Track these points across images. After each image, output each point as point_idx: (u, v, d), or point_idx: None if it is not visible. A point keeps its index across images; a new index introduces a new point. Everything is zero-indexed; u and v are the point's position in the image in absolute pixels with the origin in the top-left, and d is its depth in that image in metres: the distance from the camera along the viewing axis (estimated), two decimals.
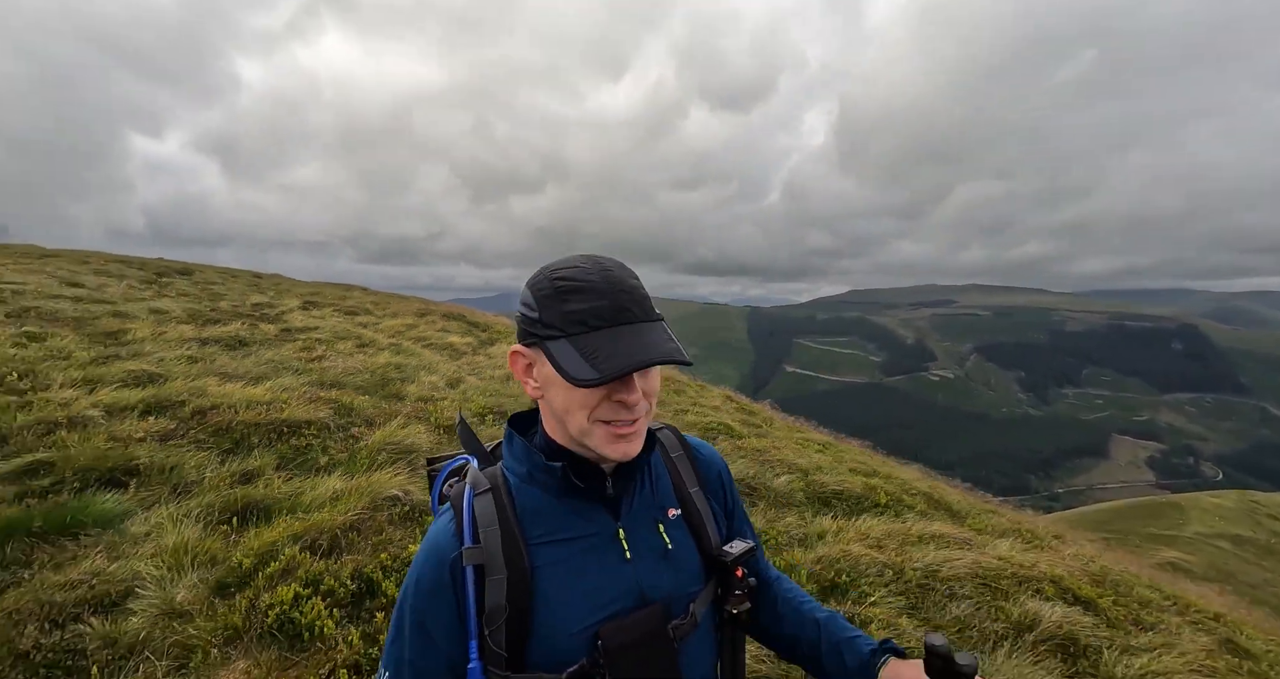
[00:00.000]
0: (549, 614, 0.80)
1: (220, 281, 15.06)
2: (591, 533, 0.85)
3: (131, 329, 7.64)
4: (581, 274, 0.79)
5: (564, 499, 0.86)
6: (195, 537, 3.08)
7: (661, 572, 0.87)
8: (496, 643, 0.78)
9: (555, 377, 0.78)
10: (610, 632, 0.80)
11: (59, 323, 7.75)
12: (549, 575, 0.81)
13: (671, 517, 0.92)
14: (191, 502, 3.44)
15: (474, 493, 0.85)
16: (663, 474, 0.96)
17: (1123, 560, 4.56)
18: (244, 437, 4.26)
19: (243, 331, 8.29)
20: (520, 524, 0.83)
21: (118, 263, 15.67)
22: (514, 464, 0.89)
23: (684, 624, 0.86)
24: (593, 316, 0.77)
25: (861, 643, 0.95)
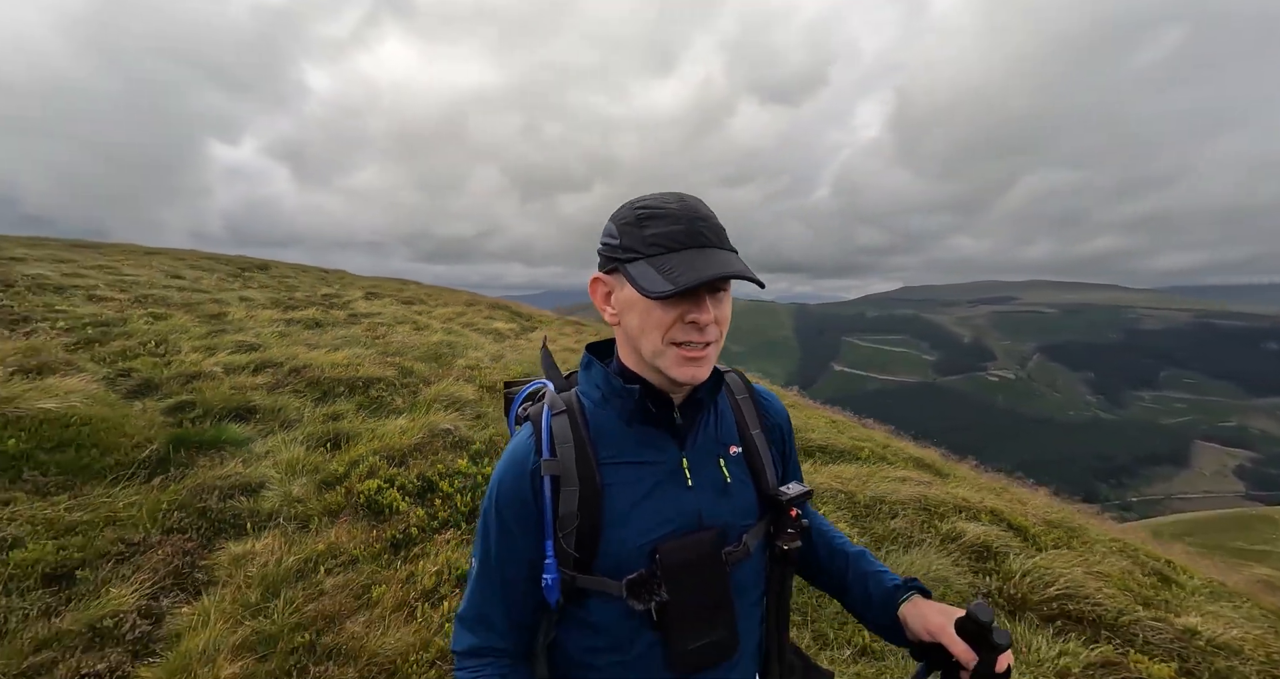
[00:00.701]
0: (614, 526, 0.86)
1: (293, 276, 16.76)
2: (658, 460, 0.90)
3: (229, 312, 9.00)
4: (661, 203, 0.84)
5: (635, 425, 0.90)
6: (302, 454, 4.08)
7: (720, 502, 0.92)
8: (568, 545, 0.85)
9: (633, 299, 0.84)
10: (668, 548, 0.85)
11: (172, 306, 9.20)
12: (616, 493, 0.87)
13: (733, 453, 0.96)
14: (296, 432, 4.47)
15: (551, 412, 0.90)
16: (727, 413, 1.00)
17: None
18: (330, 388, 5.31)
19: (317, 316, 9.56)
20: (593, 444, 0.88)
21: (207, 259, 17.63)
22: (589, 388, 0.94)
23: (736, 551, 0.91)
24: (669, 239, 0.81)
25: (886, 577, 1.01)
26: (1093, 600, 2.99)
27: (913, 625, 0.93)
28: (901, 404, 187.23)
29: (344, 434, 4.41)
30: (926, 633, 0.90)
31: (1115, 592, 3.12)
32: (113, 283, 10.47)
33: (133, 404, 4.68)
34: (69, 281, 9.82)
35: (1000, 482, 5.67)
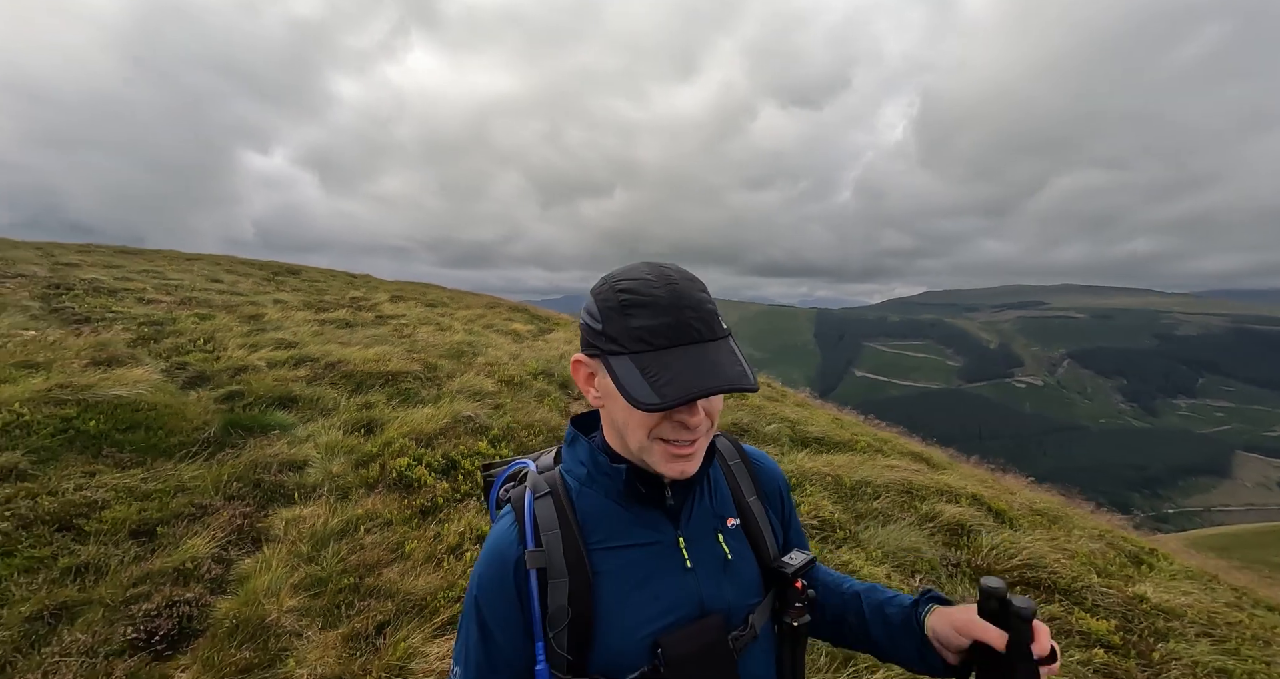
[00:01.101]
0: (610, 620, 0.80)
1: (322, 280, 17.52)
2: (652, 541, 0.84)
3: (265, 313, 9.61)
4: (646, 288, 0.77)
5: (625, 505, 0.85)
6: (339, 437, 4.55)
7: (721, 582, 0.86)
8: (560, 645, 0.78)
9: (610, 390, 0.79)
10: (671, 641, 0.79)
11: (214, 308, 9.85)
12: (610, 581, 0.81)
13: (730, 526, 0.91)
14: (333, 419, 4.95)
15: (534, 496, 0.85)
16: (721, 482, 0.94)
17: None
18: (363, 381, 5.80)
19: (347, 317, 10.15)
20: (581, 529, 0.82)
21: (242, 264, 18.52)
22: (575, 466, 0.89)
23: (743, 636, 0.85)
24: (656, 335, 0.75)
25: (902, 598, 0.93)
26: (1051, 570, 3.28)
27: (942, 633, 0.83)
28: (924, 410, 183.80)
29: (376, 421, 4.87)
30: (955, 632, 0.80)
31: (1077, 565, 3.40)
32: (159, 286, 11.22)
33: (189, 393, 5.21)
34: (120, 285, 10.58)
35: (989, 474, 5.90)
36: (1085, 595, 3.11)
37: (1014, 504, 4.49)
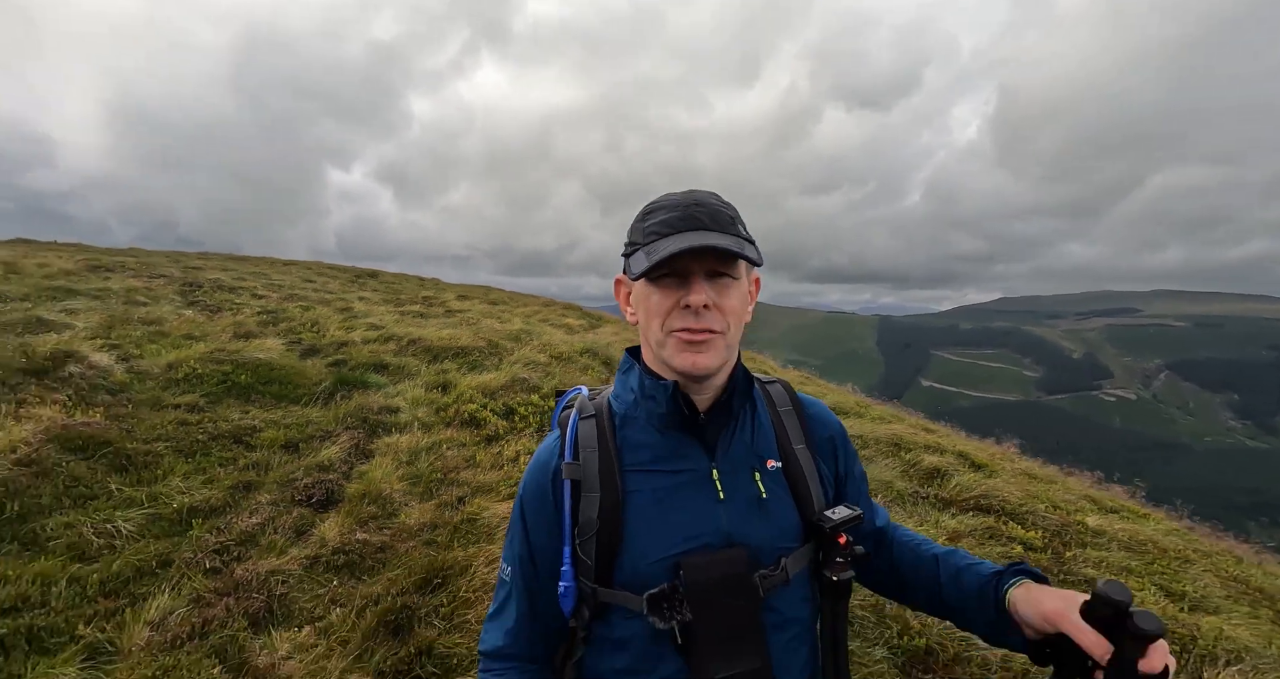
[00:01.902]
0: (636, 537, 0.82)
1: (396, 282, 19.42)
2: (687, 469, 0.86)
3: (354, 306, 11.11)
4: (667, 198, 0.84)
5: (665, 432, 0.87)
6: (421, 393, 5.64)
7: (753, 519, 0.86)
8: (586, 553, 0.83)
9: (638, 292, 0.85)
10: (692, 564, 0.80)
11: (312, 302, 11.46)
12: (639, 501, 0.83)
13: (771, 468, 0.90)
14: (416, 380, 6.07)
15: (580, 417, 0.91)
16: (767, 425, 0.94)
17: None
18: (438, 354, 6.94)
19: (420, 310, 11.54)
20: (619, 450, 0.86)
21: (329, 269, 20.73)
22: (624, 392, 0.92)
23: (773, 577, 0.84)
24: (664, 226, 0.81)
25: (984, 566, 0.90)
26: (1003, 499, 3.85)
27: (1024, 613, 0.78)
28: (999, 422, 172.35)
29: (450, 382, 5.95)
30: (1043, 619, 0.74)
31: (1029, 499, 3.95)
32: (266, 285, 13.06)
33: (306, 360, 6.50)
34: (237, 283, 12.44)
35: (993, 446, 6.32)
36: (1026, 517, 3.67)
37: (1000, 461, 5.00)
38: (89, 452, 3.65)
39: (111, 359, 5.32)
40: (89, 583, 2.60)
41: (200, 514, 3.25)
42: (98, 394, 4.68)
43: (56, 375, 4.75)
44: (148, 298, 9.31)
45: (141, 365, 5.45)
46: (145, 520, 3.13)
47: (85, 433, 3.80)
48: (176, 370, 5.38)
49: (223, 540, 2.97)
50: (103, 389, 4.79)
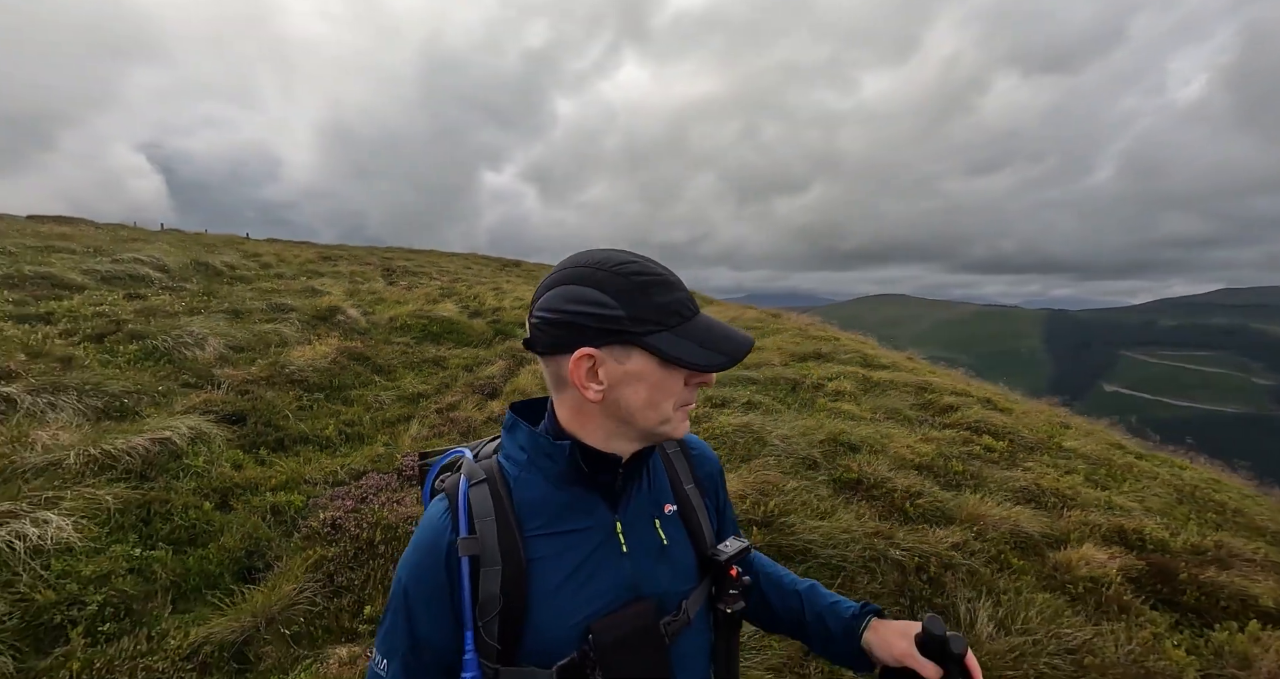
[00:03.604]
0: (543, 607, 0.78)
1: (535, 269, 22.48)
2: (589, 526, 0.83)
3: (503, 286, 13.70)
4: (648, 267, 0.78)
5: (564, 488, 0.83)
6: None
7: (657, 568, 0.86)
8: (489, 634, 0.77)
9: (640, 372, 0.77)
10: (602, 626, 0.79)
11: (471, 282, 14.28)
12: (544, 568, 0.79)
13: (668, 513, 0.90)
14: None
15: (469, 483, 0.82)
16: (660, 470, 0.94)
17: None
18: None
19: None
20: (517, 515, 0.81)
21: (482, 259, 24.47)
22: (514, 452, 0.86)
23: (676, 621, 0.85)
24: (683, 307, 0.77)
25: (842, 608, 0.97)
26: (993, 424, 4.73)
27: (879, 654, 0.89)
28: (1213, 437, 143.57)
29: None
30: (894, 659, 0.87)
31: (1017, 425, 4.77)
32: (439, 270, 16.31)
33: (472, 319, 8.83)
34: (418, 269, 15.77)
35: None
36: (1005, 435, 4.55)
37: (1020, 405, 5.69)
38: (361, 361, 6.00)
39: (358, 313, 7.97)
40: (377, 420, 4.75)
41: (423, 396, 5.38)
42: (354, 333, 7.22)
43: (332, 320, 7.39)
44: (363, 277, 12.59)
45: (374, 318, 8.04)
46: (395, 397, 5.32)
47: (357, 351, 6.19)
48: (395, 321, 7.89)
49: (439, 407, 5.03)
50: (355, 331, 7.35)
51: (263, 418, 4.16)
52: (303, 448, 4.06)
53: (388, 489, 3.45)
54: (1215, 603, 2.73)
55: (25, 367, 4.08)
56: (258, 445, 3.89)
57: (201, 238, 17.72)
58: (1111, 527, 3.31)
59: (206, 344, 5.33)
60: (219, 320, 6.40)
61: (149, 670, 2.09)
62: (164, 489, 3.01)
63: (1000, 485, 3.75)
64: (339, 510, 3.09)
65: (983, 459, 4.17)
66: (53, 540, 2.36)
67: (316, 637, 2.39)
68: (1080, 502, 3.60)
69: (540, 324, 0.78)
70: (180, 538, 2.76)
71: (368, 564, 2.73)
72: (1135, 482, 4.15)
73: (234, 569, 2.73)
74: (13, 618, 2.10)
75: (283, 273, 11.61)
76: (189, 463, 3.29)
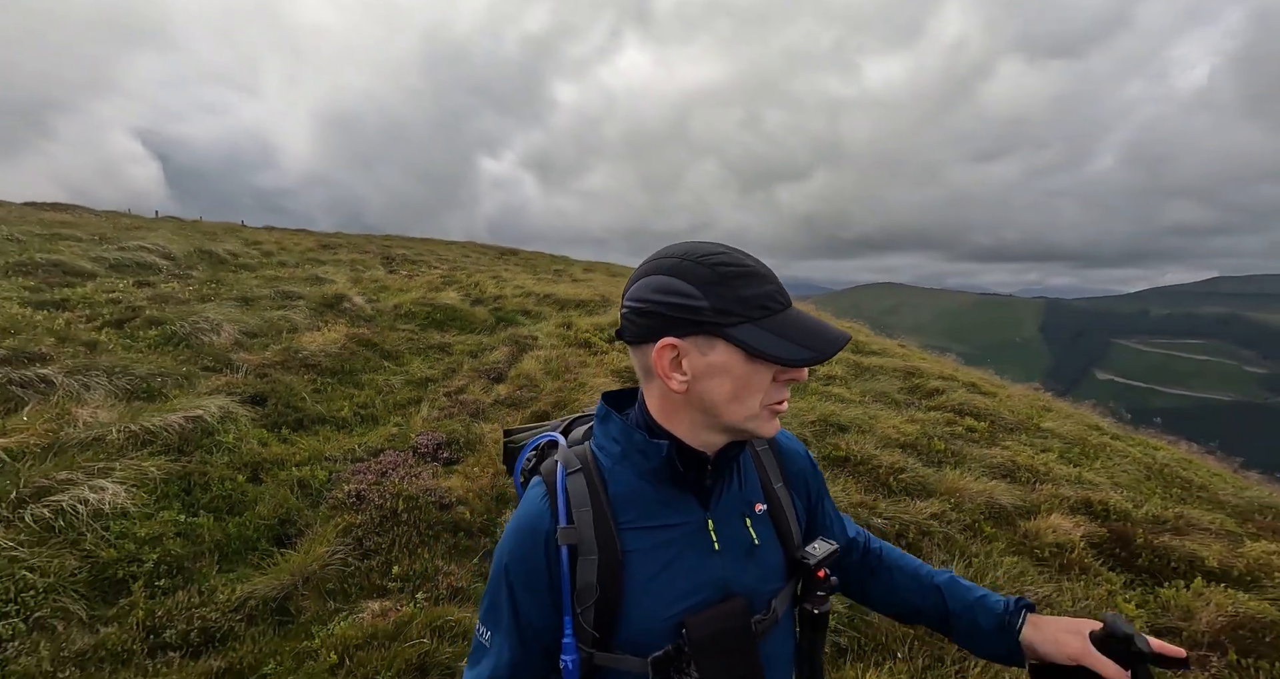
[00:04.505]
0: (637, 599, 0.80)
1: (533, 258, 22.65)
2: (681, 522, 0.84)
3: (502, 275, 13.85)
4: (736, 258, 0.78)
5: (658, 485, 0.84)
6: (553, 328, 7.81)
7: (746, 566, 0.87)
8: (586, 621, 0.80)
9: (725, 364, 0.76)
10: (696, 622, 0.80)
11: (471, 271, 14.42)
12: (638, 561, 0.81)
13: (758, 511, 0.91)
14: (549, 321, 8.28)
15: (566, 471, 0.84)
16: (750, 468, 0.94)
17: None
18: (564, 305, 9.15)
19: (552, 278, 14.04)
20: (612, 507, 0.83)
21: (480, 248, 24.53)
22: (608, 443, 0.87)
23: (765, 620, 0.86)
24: (770, 300, 0.77)
25: (992, 602, 0.94)
26: (975, 407, 4.99)
27: (1044, 651, 0.86)
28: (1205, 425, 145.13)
29: (572, 322, 8.07)
30: (1067, 659, 0.83)
31: (999, 407, 5.02)
32: (437, 259, 16.43)
33: (474, 307, 9.02)
34: (418, 257, 15.89)
35: None
36: (986, 417, 4.81)
37: (1005, 389, 5.96)
38: (370, 347, 6.21)
39: (363, 300, 8.15)
40: (388, 403, 4.97)
41: (431, 381, 5.60)
42: (360, 320, 7.41)
43: (339, 308, 7.58)
44: (364, 265, 12.74)
45: (379, 305, 8.23)
46: (404, 381, 5.54)
47: (365, 337, 6.40)
48: (400, 309, 8.07)
49: (448, 390, 5.25)
50: (362, 317, 7.54)
51: (282, 400, 4.37)
52: (320, 428, 4.28)
53: (405, 465, 3.68)
54: (1166, 564, 3.00)
55: (56, 350, 4.28)
56: (279, 425, 4.10)
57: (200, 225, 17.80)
58: (1079, 499, 3.58)
59: (222, 330, 5.53)
60: (230, 307, 6.59)
61: (204, 620, 2.33)
62: (201, 462, 3.24)
63: (979, 462, 4.00)
64: (362, 484, 3.32)
65: (964, 438, 4.43)
66: (110, 505, 2.59)
67: (350, 593, 2.63)
68: (1052, 477, 3.87)
69: (628, 314, 0.79)
70: (219, 506, 2.99)
71: (393, 530, 2.97)
72: (1107, 459, 4.42)
73: (269, 535, 2.96)
74: (82, 572, 2.34)
75: (285, 261, 11.75)
76: (220, 439, 3.52)
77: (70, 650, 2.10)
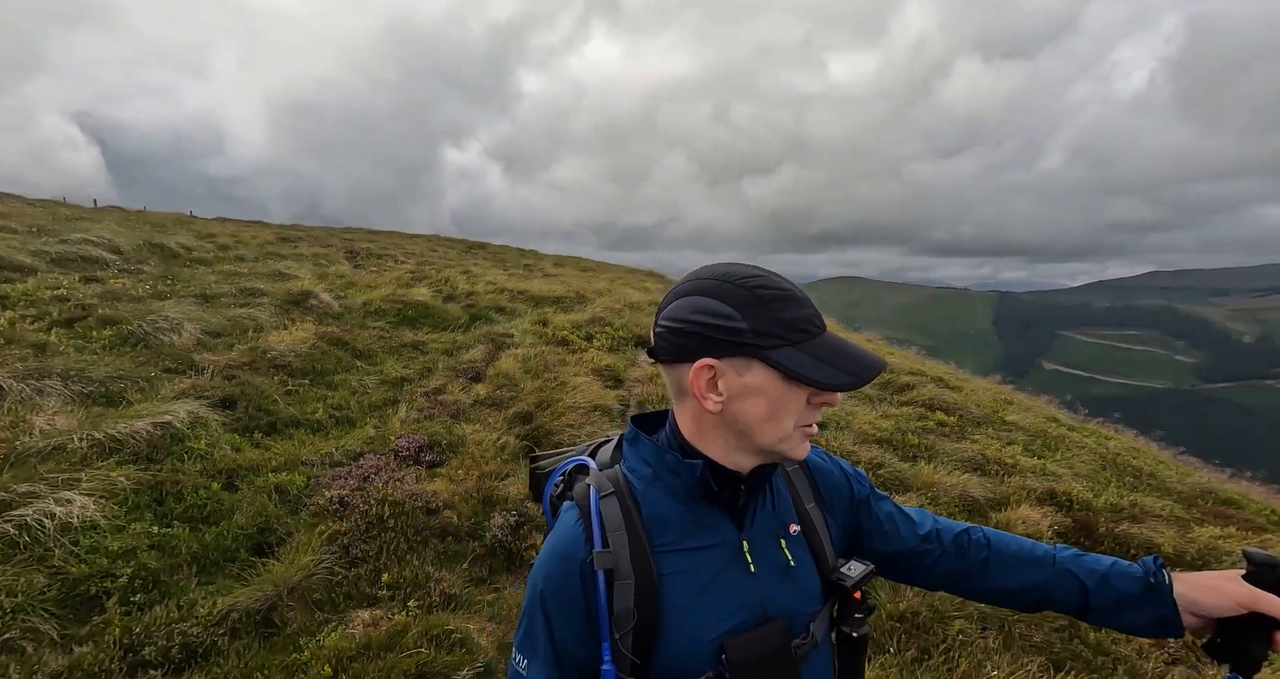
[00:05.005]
0: (675, 623, 0.79)
1: (502, 252, 22.30)
2: (716, 543, 0.83)
3: (472, 270, 13.61)
4: (774, 281, 0.78)
5: (692, 506, 0.84)
6: (529, 325, 7.74)
7: (783, 588, 0.86)
8: (625, 647, 0.79)
9: (761, 385, 0.77)
10: (736, 645, 0.79)
11: (440, 266, 14.13)
12: (674, 584, 0.80)
13: (793, 532, 0.90)
14: (525, 318, 8.20)
15: (599, 495, 0.84)
16: (782, 488, 0.93)
17: None
18: (539, 301, 9.06)
19: (524, 273, 13.87)
20: (646, 530, 0.82)
21: (446, 241, 24.07)
22: (639, 465, 0.87)
23: (804, 644, 0.85)
24: (809, 323, 0.77)
25: (1127, 566, 0.89)
26: (944, 401, 5.18)
27: (1207, 603, 0.81)
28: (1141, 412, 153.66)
29: (548, 319, 8.01)
30: (1237, 607, 0.79)
31: (966, 401, 5.23)
32: (403, 253, 16.03)
33: (447, 303, 8.85)
34: (383, 251, 15.47)
35: None
36: (955, 410, 5.00)
37: (973, 385, 6.20)
38: (341, 346, 6.02)
39: (330, 297, 7.89)
40: (364, 404, 4.84)
41: (407, 381, 5.48)
42: (328, 317, 7.18)
43: (305, 305, 7.32)
44: (328, 260, 12.32)
45: (347, 302, 7.98)
46: (378, 381, 5.40)
47: (335, 336, 6.20)
48: (368, 306, 7.85)
49: (426, 390, 5.15)
50: (329, 315, 7.31)
51: (253, 402, 4.21)
52: (294, 431, 4.14)
53: (387, 469, 3.60)
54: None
55: (1, 353, 4.01)
56: (252, 429, 3.95)
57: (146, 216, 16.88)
58: (1045, 490, 3.77)
59: (183, 329, 5.27)
60: (190, 305, 6.29)
61: (184, 635, 2.24)
62: (172, 471, 3.09)
63: (951, 456, 4.17)
64: (344, 489, 3.24)
65: (936, 433, 4.61)
66: (78, 518, 2.45)
67: (338, 602, 2.58)
68: (1019, 469, 4.06)
69: (664, 333, 0.79)
70: (194, 516, 2.87)
71: (380, 537, 2.91)
72: (1067, 451, 4.66)
73: (248, 544, 2.86)
74: (52, 589, 2.22)
75: (243, 255, 11.26)
76: (192, 446, 3.36)
77: (43, 673, 1.99)
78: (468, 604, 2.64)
